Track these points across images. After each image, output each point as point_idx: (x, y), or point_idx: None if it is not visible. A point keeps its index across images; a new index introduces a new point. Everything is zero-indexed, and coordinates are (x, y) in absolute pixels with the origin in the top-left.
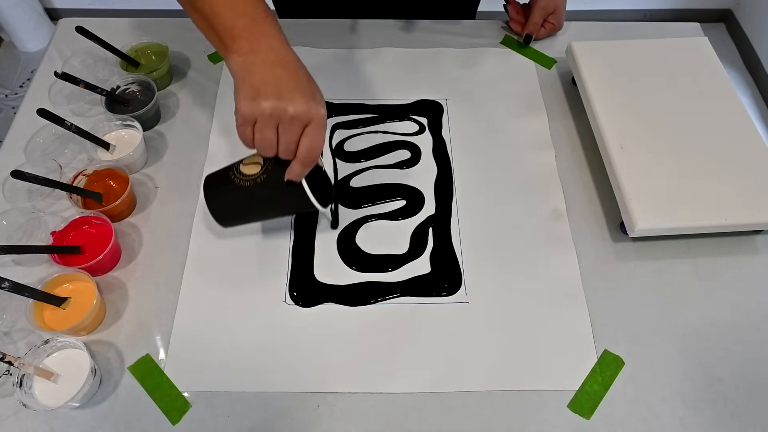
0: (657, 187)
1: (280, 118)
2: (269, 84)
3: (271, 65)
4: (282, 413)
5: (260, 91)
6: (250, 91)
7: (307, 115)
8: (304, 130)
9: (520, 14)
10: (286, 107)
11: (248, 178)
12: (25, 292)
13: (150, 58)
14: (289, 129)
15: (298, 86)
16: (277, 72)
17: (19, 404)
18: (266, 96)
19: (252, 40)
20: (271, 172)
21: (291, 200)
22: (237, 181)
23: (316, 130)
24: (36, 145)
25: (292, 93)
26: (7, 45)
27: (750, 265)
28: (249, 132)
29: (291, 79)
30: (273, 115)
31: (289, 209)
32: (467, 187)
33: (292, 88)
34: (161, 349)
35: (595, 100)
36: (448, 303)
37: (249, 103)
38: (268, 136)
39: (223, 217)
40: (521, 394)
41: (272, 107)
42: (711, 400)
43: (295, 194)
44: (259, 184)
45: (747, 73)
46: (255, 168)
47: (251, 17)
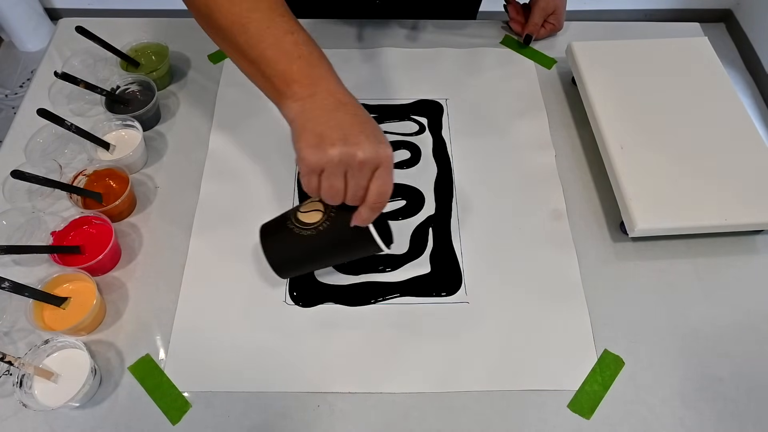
0: (657, 187)
1: (349, 165)
2: (333, 129)
3: (331, 109)
4: (282, 413)
5: (324, 137)
6: (313, 138)
7: (376, 159)
8: (373, 174)
9: (520, 14)
10: (355, 153)
11: (309, 227)
12: (25, 292)
13: (150, 58)
14: (359, 175)
15: (363, 129)
16: (339, 116)
17: (19, 404)
18: (332, 143)
19: (308, 84)
20: (334, 218)
21: (357, 245)
22: (297, 231)
23: (386, 173)
24: (36, 145)
25: (358, 137)
26: (7, 45)
27: (750, 265)
28: (315, 181)
29: (354, 122)
30: (342, 162)
31: (353, 254)
32: (467, 187)
33: (357, 132)
34: (161, 349)
35: (595, 100)
36: (448, 303)
37: (314, 151)
38: (337, 185)
39: (284, 270)
40: (521, 394)
41: (340, 154)
42: (711, 400)
43: (362, 239)
44: (322, 232)
45: (747, 73)
46: (316, 216)
47: (306, 60)
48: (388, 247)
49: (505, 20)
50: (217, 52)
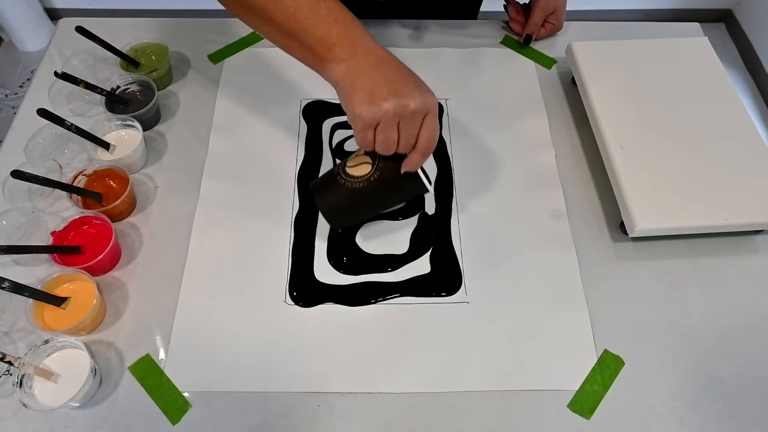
0: (657, 187)
1: (402, 116)
2: (382, 85)
3: (375, 66)
4: (282, 413)
5: (376, 93)
6: (365, 95)
7: (425, 107)
8: (423, 121)
9: (521, 14)
10: (407, 104)
11: (361, 179)
12: (25, 292)
13: (150, 58)
14: (411, 124)
15: (409, 81)
16: (384, 71)
17: (19, 404)
18: (384, 97)
19: (348, 46)
20: (383, 168)
21: (406, 191)
22: (349, 185)
23: (434, 119)
24: (36, 145)
25: (407, 89)
26: (7, 45)
27: (750, 265)
28: (371, 135)
29: (399, 75)
30: (396, 114)
31: (401, 199)
32: (467, 187)
33: (404, 84)
34: (161, 349)
35: (595, 100)
36: (448, 303)
37: (369, 107)
38: (392, 136)
39: (341, 222)
40: (521, 394)
41: (394, 107)
42: (711, 400)
43: (411, 184)
44: (373, 182)
45: (747, 73)
46: (365, 168)
47: (342, 23)
48: (431, 185)
49: (505, 20)
50: (217, 52)
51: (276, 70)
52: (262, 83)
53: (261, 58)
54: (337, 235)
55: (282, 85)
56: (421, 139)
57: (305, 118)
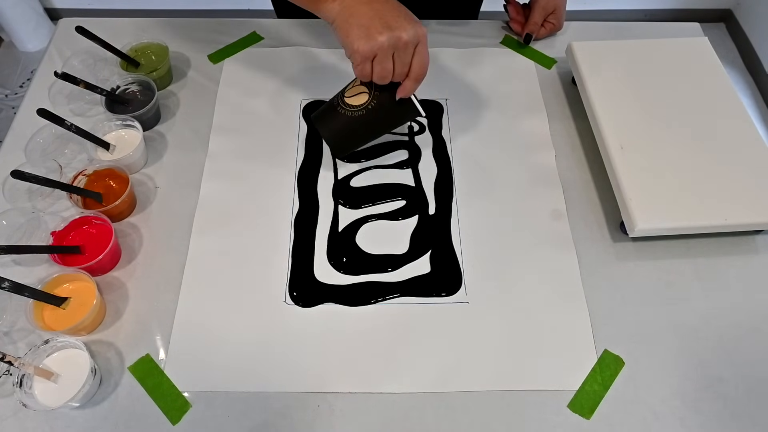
0: (657, 187)
1: (396, 47)
2: (375, 20)
3: (367, 2)
4: (282, 413)
5: (370, 28)
6: (361, 31)
7: (416, 37)
8: (414, 50)
9: (520, 14)
10: (400, 35)
11: (359, 108)
12: (25, 292)
13: (150, 58)
14: (404, 54)
15: (400, 14)
16: (376, 7)
17: (19, 404)
18: (379, 31)
19: None
20: (380, 97)
21: (401, 115)
22: (349, 114)
23: (424, 48)
24: (36, 145)
25: (398, 21)
26: (7, 45)
27: (750, 265)
28: (368, 67)
29: (390, 9)
30: (390, 46)
31: (398, 124)
32: (467, 187)
33: (396, 16)
34: (161, 349)
35: (595, 100)
36: (448, 303)
37: (365, 41)
38: (387, 66)
39: (342, 148)
40: (521, 394)
41: (388, 39)
42: (711, 400)
43: (406, 109)
44: (372, 109)
45: (747, 73)
46: (362, 97)
47: None
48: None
49: (505, 20)
50: (217, 52)
51: (276, 70)
52: (262, 83)
53: (261, 58)
54: (337, 235)
55: (282, 85)
56: (413, 66)
57: (305, 118)
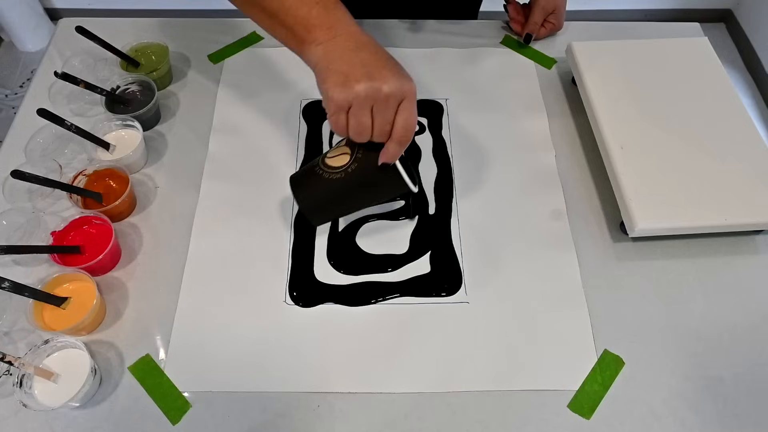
0: (657, 187)
1: (375, 99)
2: (357, 67)
3: (353, 49)
4: (282, 413)
5: (350, 75)
6: (339, 77)
7: (400, 92)
8: (398, 107)
9: (520, 14)
10: (380, 87)
11: (338, 170)
12: (25, 292)
13: (150, 58)
14: (384, 109)
15: (386, 65)
16: (361, 55)
17: (19, 404)
18: (357, 79)
19: (328, 28)
20: (361, 159)
21: (385, 184)
22: (326, 176)
23: (411, 105)
24: (36, 145)
25: (381, 72)
26: (7, 45)
27: (750, 265)
28: (343, 119)
29: (376, 59)
30: (368, 97)
31: (382, 195)
32: (467, 187)
33: (380, 67)
34: (161, 349)
35: (595, 100)
36: (448, 303)
37: (341, 89)
38: (364, 120)
39: (317, 216)
40: (521, 394)
41: (366, 89)
42: (711, 400)
43: (389, 177)
44: (351, 173)
45: (747, 73)
46: (343, 159)
47: (323, 5)
48: (415, 185)
49: (505, 20)
50: (217, 52)
51: (276, 70)
52: (262, 83)
53: (261, 58)
54: (337, 235)
55: (282, 85)
56: (396, 126)
57: (305, 118)
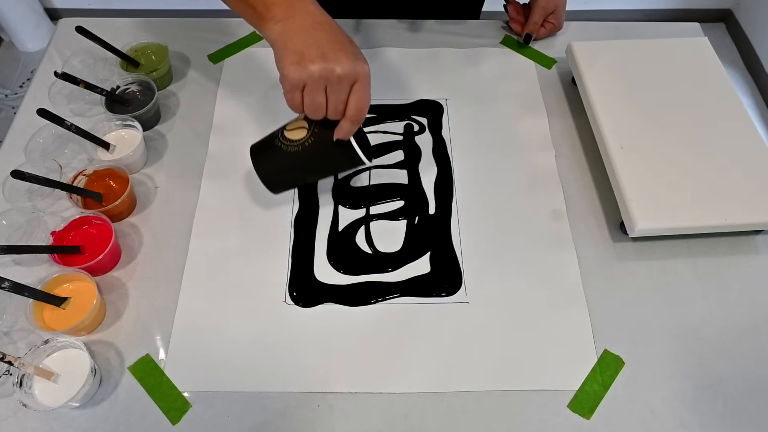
0: (657, 187)
1: (329, 80)
2: (312, 47)
3: (309, 28)
4: (282, 413)
5: (305, 55)
6: (294, 56)
7: (353, 74)
8: (351, 88)
9: (520, 14)
10: (333, 68)
11: (296, 143)
12: (25, 292)
13: (150, 58)
14: (338, 89)
15: (341, 46)
16: (317, 35)
17: (19, 404)
18: (312, 59)
19: (287, 6)
20: (318, 134)
21: (340, 159)
22: (285, 148)
23: (363, 87)
24: (36, 145)
25: (336, 53)
26: (7, 45)
27: (750, 265)
28: (298, 97)
29: (332, 39)
30: (321, 77)
31: (337, 168)
32: (467, 187)
33: (335, 48)
34: (161, 349)
35: (595, 100)
36: (448, 303)
37: (296, 68)
38: (318, 99)
39: (275, 185)
40: (521, 394)
41: (320, 69)
42: (711, 400)
43: (344, 152)
44: (308, 147)
45: (747, 73)
46: (301, 132)
47: None
48: (370, 160)
49: (505, 20)
50: (217, 52)
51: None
52: (262, 83)
53: (261, 58)
54: (337, 235)
55: None
56: (349, 106)
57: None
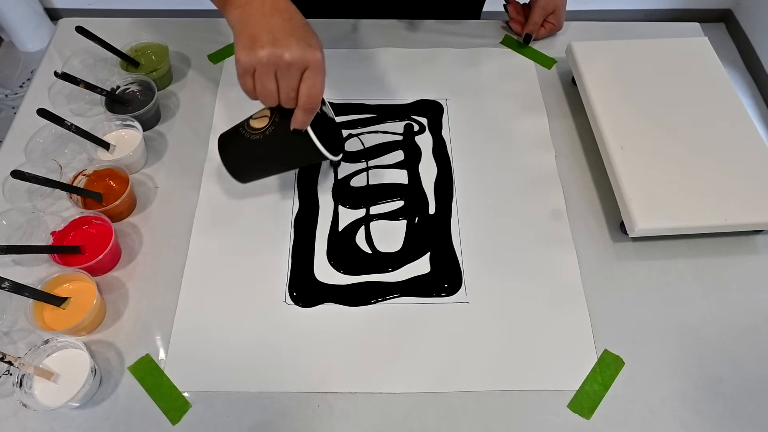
0: (657, 187)
1: (278, 65)
2: (264, 32)
3: (266, 14)
4: (282, 413)
5: (256, 40)
6: (247, 41)
7: (303, 60)
8: (303, 76)
9: (520, 14)
10: (282, 54)
11: (257, 132)
12: (25, 292)
13: (150, 58)
14: (287, 75)
15: (294, 33)
16: (272, 20)
17: (19, 404)
18: (262, 44)
19: None
20: (278, 123)
21: (300, 150)
22: (247, 136)
23: (314, 74)
24: (36, 145)
25: (287, 39)
26: (7, 45)
27: (750, 265)
28: (250, 82)
29: (286, 26)
30: (270, 63)
31: (300, 160)
32: (467, 187)
33: (287, 35)
34: (161, 349)
35: (595, 100)
36: (448, 303)
37: (247, 52)
38: (268, 85)
39: (238, 173)
40: (521, 394)
41: (269, 55)
42: (711, 400)
43: (304, 144)
44: (268, 136)
45: (747, 73)
46: (263, 121)
47: None
48: (336, 155)
49: (506, 20)
50: (217, 52)
51: None
52: None
53: None
54: (337, 235)
55: None
56: (300, 94)
57: None
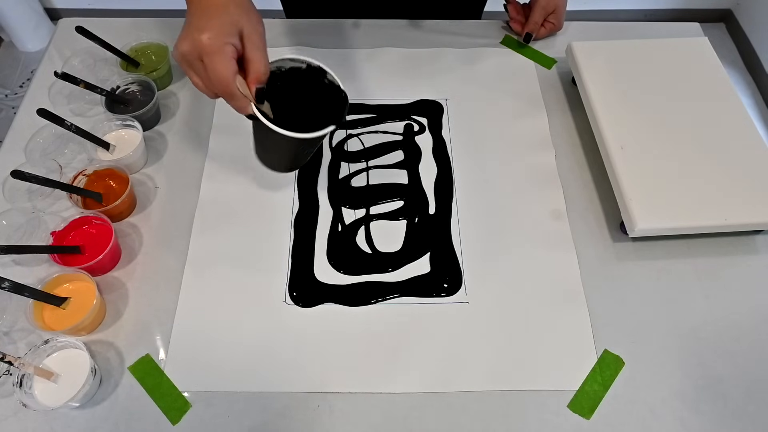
0: (657, 187)
1: (186, 60)
2: (185, 29)
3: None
4: (282, 413)
5: (179, 37)
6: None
7: (193, 49)
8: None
9: (520, 14)
10: (179, 49)
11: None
12: (25, 292)
13: (150, 58)
14: (195, 68)
15: (190, 25)
16: (196, 15)
17: (19, 404)
18: (177, 43)
19: None
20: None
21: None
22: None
23: (210, 60)
24: (36, 145)
25: (184, 33)
26: (7, 45)
27: (750, 265)
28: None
29: (195, 19)
30: (182, 60)
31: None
32: (467, 187)
33: (190, 28)
34: (161, 349)
35: (595, 100)
36: (448, 303)
37: (174, 49)
38: (193, 78)
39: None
40: (521, 394)
41: (178, 53)
42: (711, 400)
43: (263, 128)
44: (253, 127)
45: (747, 73)
46: None
47: None
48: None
49: (506, 20)
50: None
51: None
52: None
53: None
54: (337, 235)
55: None
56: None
57: None
